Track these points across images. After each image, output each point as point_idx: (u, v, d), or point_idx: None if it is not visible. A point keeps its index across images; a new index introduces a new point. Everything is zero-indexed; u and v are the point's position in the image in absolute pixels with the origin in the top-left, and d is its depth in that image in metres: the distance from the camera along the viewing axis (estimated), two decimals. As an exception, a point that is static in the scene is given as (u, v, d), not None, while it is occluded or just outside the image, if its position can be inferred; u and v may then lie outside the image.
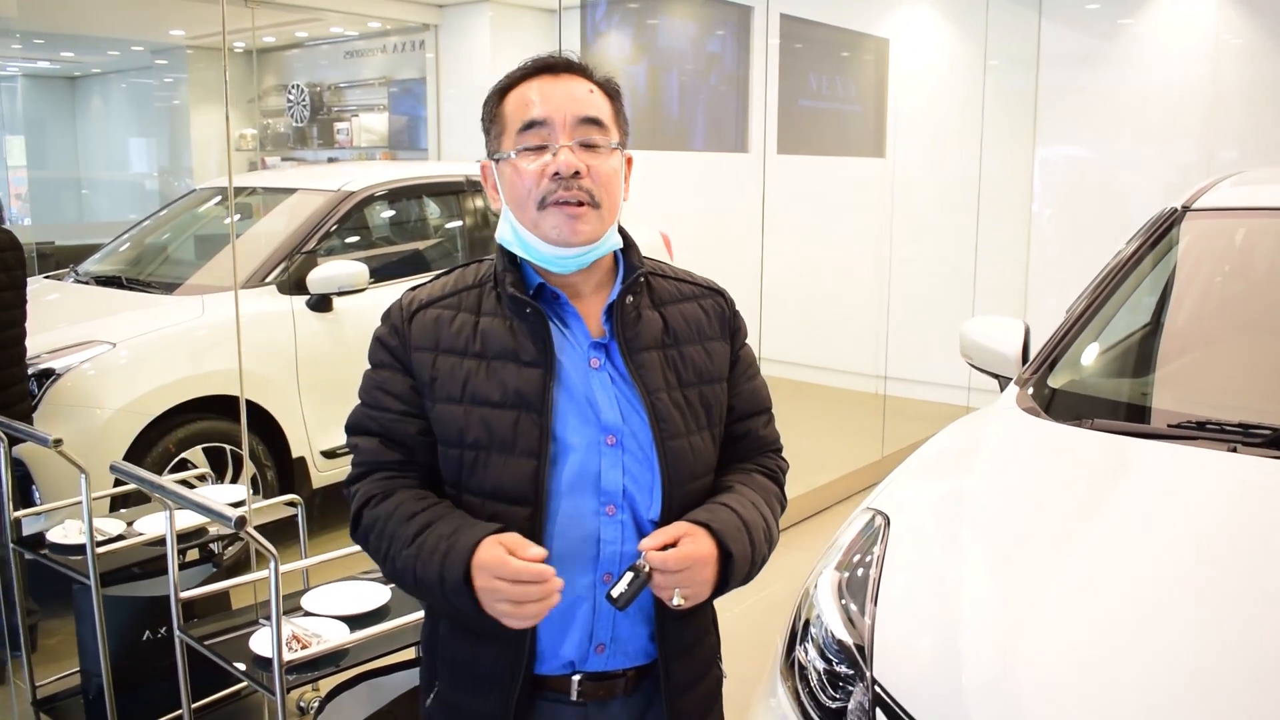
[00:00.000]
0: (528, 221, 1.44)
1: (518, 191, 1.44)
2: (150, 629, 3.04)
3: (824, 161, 6.98)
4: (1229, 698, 1.51)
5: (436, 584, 1.35)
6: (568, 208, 1.41)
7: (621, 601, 1.32)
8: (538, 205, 1.42)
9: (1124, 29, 6.45)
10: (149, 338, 4.10)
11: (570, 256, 1.44)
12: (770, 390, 1.68)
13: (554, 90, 1.45)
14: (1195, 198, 2.94)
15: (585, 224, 1.42)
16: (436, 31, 8.85)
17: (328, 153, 9.95)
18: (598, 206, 1.43)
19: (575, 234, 1.42)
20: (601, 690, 1.49)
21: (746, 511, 1.46)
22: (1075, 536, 1.96)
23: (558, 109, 1.42)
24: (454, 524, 1.38)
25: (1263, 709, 1.49)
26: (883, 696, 1.68)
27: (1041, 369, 2.63)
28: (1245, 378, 2.56)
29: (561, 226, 1.41)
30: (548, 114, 1.42)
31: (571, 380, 1.45)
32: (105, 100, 11.59)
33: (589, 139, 1.43)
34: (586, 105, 1.44)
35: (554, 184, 1.41)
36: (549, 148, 1.42)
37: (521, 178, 1.43)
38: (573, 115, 1.43)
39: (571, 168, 1.40)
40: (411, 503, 1.43)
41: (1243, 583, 1.76)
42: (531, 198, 1.42)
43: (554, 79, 1.46)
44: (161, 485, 2.30)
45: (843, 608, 1.90)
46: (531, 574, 1.29)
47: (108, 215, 11.04)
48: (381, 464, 1.49)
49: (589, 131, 1.43)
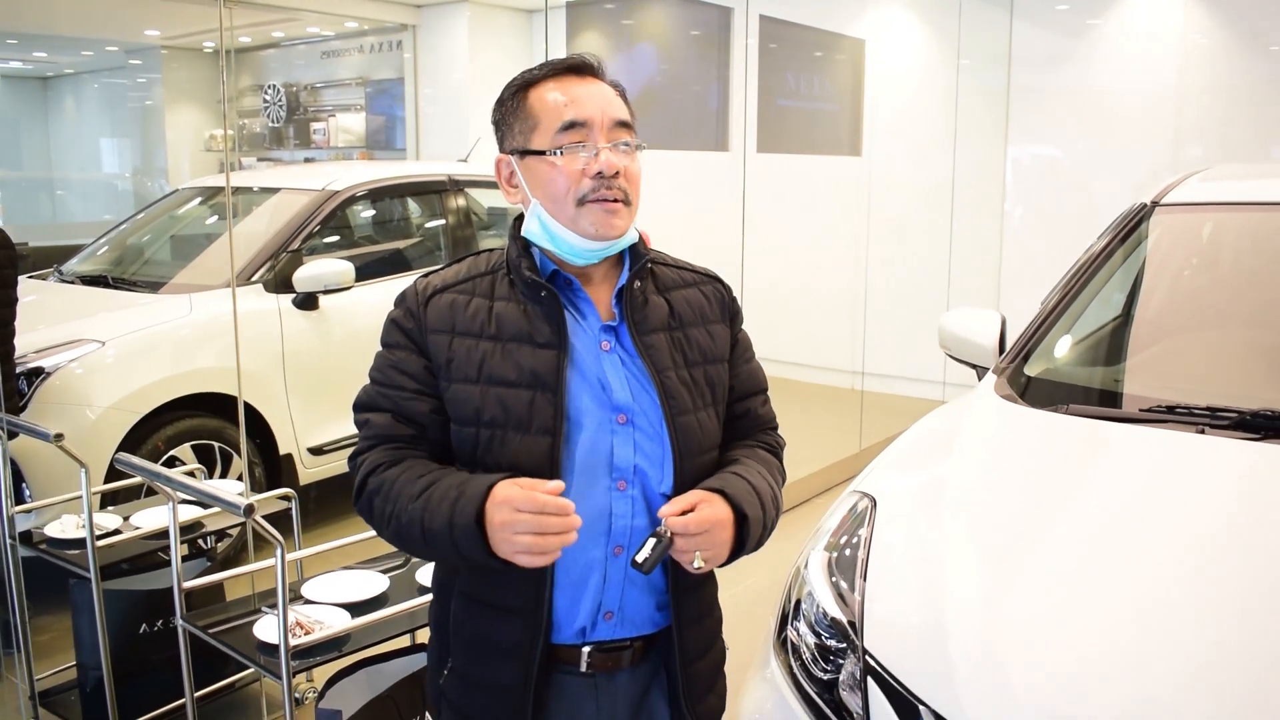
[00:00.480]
0: (565, 217, 1.51)
1: (555, 188, 1.51)
2: (147, 623, 3.08)
3: (802, 160, 7.07)
4: (1207, 662, 1.60)
5: (445, 530, 1.40)
6: (607, 204, 1.49)
7: (646, 566, 1.39)
8: (577, 202, 1.50)
9: (1093, 29, 6.57)
10: (137, 336, 4.13)
11: (602, 249, 1.53)
12: None
13: (587, 92, 1.52)
14: (1164, 193, 3.04)
15: (621, 219, 1.51)
16: (414, 32, 8.88)
17: (304, 153, 9.94)
18: (629, 204, 1.52)
19: (613, 229, 1.51)
20: (609, 662, 1.56)
21: (755, 479, 1.55)
22: (1053, 514, 2.05)
23: (597, 110, 1.51)
24: (463, 476, 1.45)
25: (1242, 668, 1.58)
26: (874, 666, 1.76)
27: (1018, 358, 2.72)
28: (1213, 365, 2.66)
29: (600, 223, 1.50)
30: (588, 115, 1.50)
31: (584, 362, 1.52)
32: (78, 100, 11.52)
33: (623, 140, 1.52)
34: (619, 108, 1.53)
35: (595, 183, 1.49)
36: (586, 147, 1.50)
37: (562, 175, 1.50)
38: (610, 118, 1.51)
39: (614, 168, 1.49)
40: (419, 467, 1.50)
41: (1215, 554, 1.86)
42: (571, 195, 1.50)
43: (581, 80, 1.54)
44: (168, 476, 2.35)
45: (833, 585, 1.98)
46: (556, 506, 1.35)
47: (82, 216, 10.98)
48: (393, 438, 1.54)
49: (623, 134, 1.52)
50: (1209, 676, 1.58)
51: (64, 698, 3.23)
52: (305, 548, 2.88)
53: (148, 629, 3.08)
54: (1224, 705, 1.53)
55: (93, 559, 2.74)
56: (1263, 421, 2.20)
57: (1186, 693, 1.55)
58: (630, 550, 1.50)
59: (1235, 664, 1.59)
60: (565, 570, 1.50)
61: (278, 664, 2.18)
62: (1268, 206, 2.95)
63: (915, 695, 1.68)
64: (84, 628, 3.02)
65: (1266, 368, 2.60)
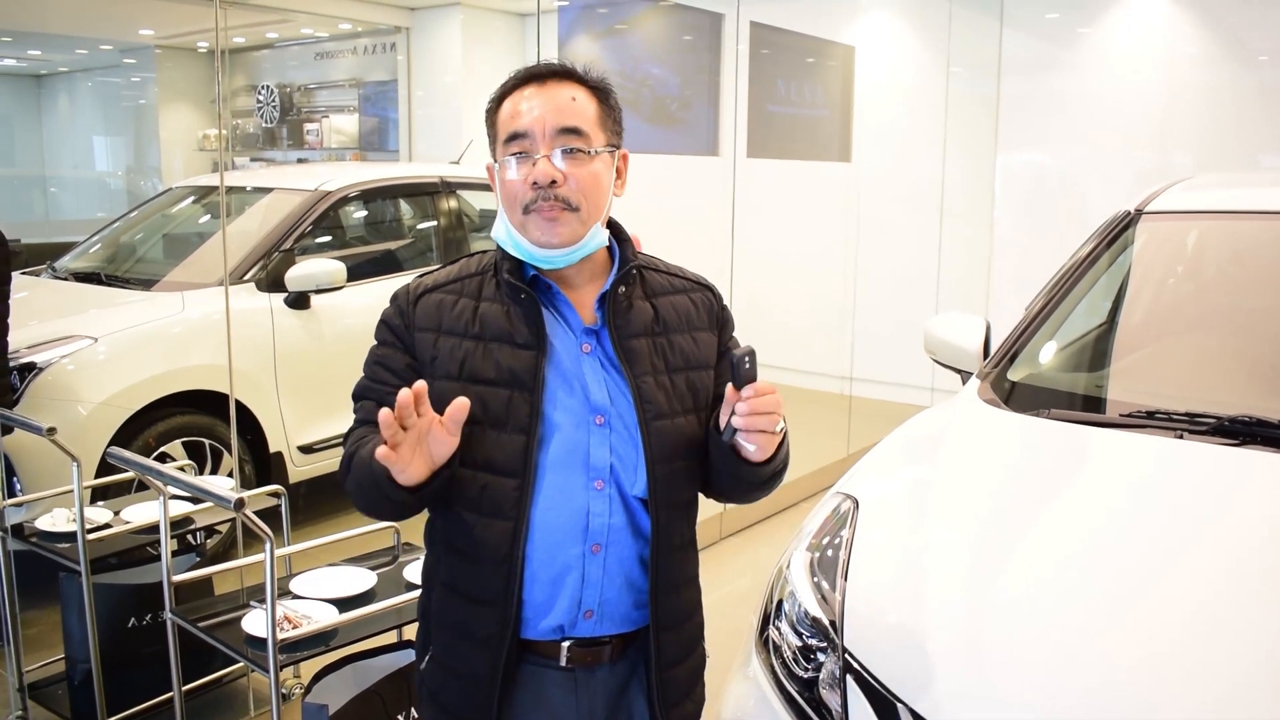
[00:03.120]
0: (516, 224, 1.56)
1: (507, 197, 1.56)
2: (136, 616, 3.09)
3: (792, 165, 7.10)
4: (1185, 663, 1.63)
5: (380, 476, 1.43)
6: (545, 213, 1.52)
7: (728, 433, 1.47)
8: (522, 211, 1.53)
9: (1083, 38, 6.63)
10: (129, 333, 4.14)
11: (555, 256, 1.55)
12: None
13: (538, 101, 1.54)
14: (1148, 201, 3.08)
15: (563, 227, 1.52)
16: (407, 34, 8.90)
17: (297, 153, 9.96)
18: (576, 210, 1.53)
19: (555, 236, 1.53)
20: (589, 657, 1.58)
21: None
22: (1034, 516, 2.09)
23: (538, 120, 1.53)
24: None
25: (1220, 667, 1.62)
26: (853, 664, 1.79)
27: (1002, 363, 2.76)
28: (1193, 372, 2.70)
29: (543, 230, 1.52)
30: (529, 126, 1.53)
31: (564, 363, 1.56)
32: (72, 99, 11.53)
33: (569, 146, 1.53)
34: (568, 115, 1.54)
35: (534, 192, 1.52)
36: (529, 156, 1.53)
37: (508, 185, 1.55)
38: (552, 126, 1.53)
39: (547, 178, 1.51)
40: None
41: (1189, 556, 1.90)
42: (518, 203, 1.54)
43: (540, 88, 1.56)
44: (158, 470, 2.37)
45: (815, 585, 2.01)
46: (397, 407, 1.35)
47: (75, 214, 10.99)
48: (374, 424, 1.58)
49: (569, 140, 1.53)
50: (1187, 677, 1.61)
51: (53, 690, 3.25)
52: (294, 544, 2.90)
53: (136, 623, 3.10)
54: (1204, 704, 1.56)
55: (83, 552, 2.76)
56: (1240, 427, 2.23)
57: (1165, 694, 1.58)
58: (608, 549, 1.54)
59: (1213, 663, 1.62)
60: (541, 565, 1.53)
61: (265, 658, 2.20)
62: (1251, 215, 2.99)
63: (893, 694, 1.70)
64: (73, 621, 3.04)
65: (1246, 374, 2.64)
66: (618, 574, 1.56)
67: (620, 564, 1.56)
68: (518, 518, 1.51)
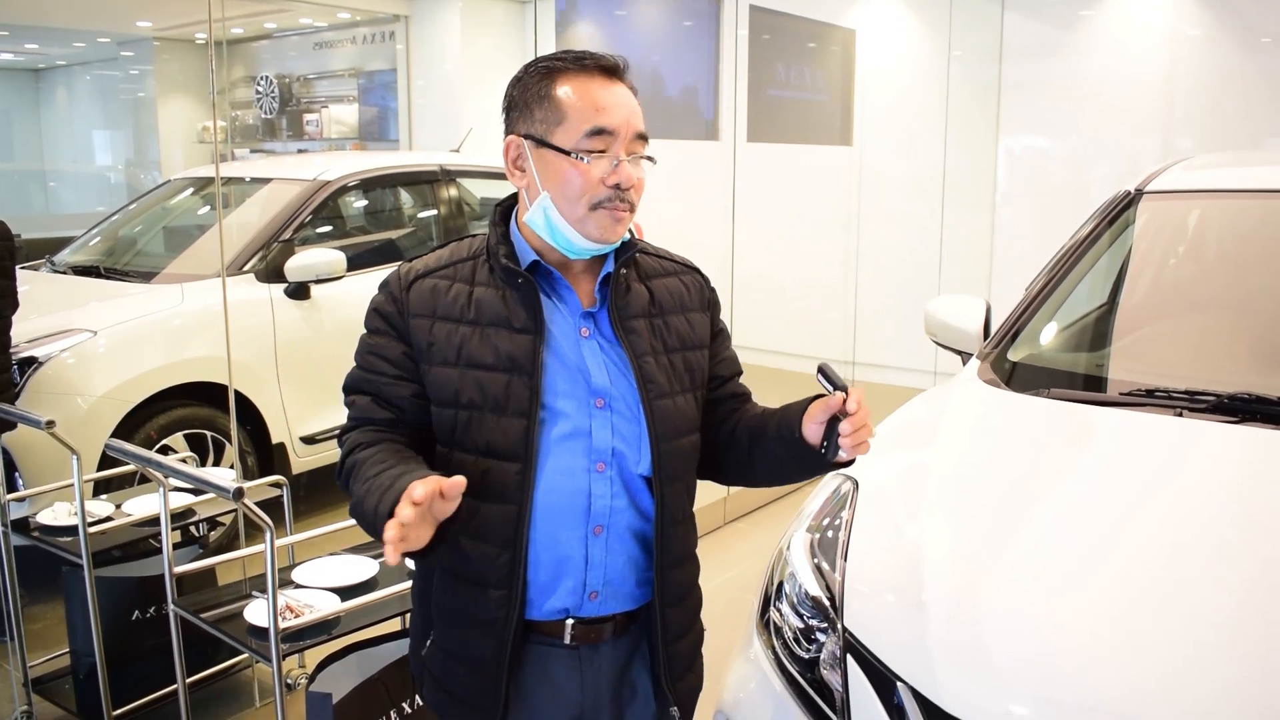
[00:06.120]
0: (573, 217, 1.52)
1: (570, 188, 1.51)
2: (140, 609, 3.10)
3: (793, 150, 7.09)
4: (1185, 640, 1.63)
5: (372, 515, 1.40)
6: (615, 213, 1.51)
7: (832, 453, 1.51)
8: (590, 206, 1.51)
9: (1084, 20, 6.59)
10: (130, 326, 4.14)
11: (598, 249, 1.55)
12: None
13: (617, 99, 1.53)
14: (1148, 181, 3.07)
15: (622, 227, 1.54)
16: (407, 23, 8.87)
17: (297, 144, 9.94)
18: (633, 212, 1.55)
19: (615, 235, 1.54)
20: (593, 634, 1.59)
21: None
22: (1034, 495, 2.09)
23: (624, 121, 1.52)
24: (410, 468, 1.44)
25: (1216, 641, 1.61)
26: (853, 643, 1.79)
27: (1002, 344, 2.75)
28: (1193, 350, 2.69)
29: (606, 229, 1.52)
30: (616, 125, 1.51)
31: (562, 347, 1.55)
32: (70, 92, 11.51)
33: (639, 153, 1.54)
34: (640, 120, 1.55)
35: (611, 192, 1.50)
36: (608, 155, 1.50)
37: (581, 177, 1.50)
38: (633, 130, 1.53)
39: (631, 182, 1.51)
40: (388, 452, 1.51)
41: (1188, 532, 1.89)
42: (585, 199, 1.51)
43: (610, 84, 1.54)
44: (159, 462, 2.37)
45: (815, 566, 2.01)
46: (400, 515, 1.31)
47: (74, 207, 10.98)
48: (372, 420, 1.58)
49: (641, 146, 1.54)
50: (1188, 652, 1.60)
51: (58, 684, 3.25)
52: (296, 534, 2.91)
53: (140, 615, 3.10)
54: (1204, 681, 1.56)
55: (85, 546, 2.76)
56: (1239, 404, 2.23)
57: (1165, 671, 1.58)
58: (610, 530, 1.54)
59: (1215, 639, 1.62)
60: (544, 548, 1.53)
61: (268, 647, 2.21)
62: (1251, 194, 2.98)
63: (894, 672, 1.71)
64: (77, 614, 3.05)
65: (1246, 352, 2.63)
66: (620, 554, 1.57)
67: (622, 544, 1.57)
68: (521, 501, 1.51)
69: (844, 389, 1.48)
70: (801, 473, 1.66)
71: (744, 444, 1.68)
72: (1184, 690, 1.55)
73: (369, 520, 1.43)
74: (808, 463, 1.60)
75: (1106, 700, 1.54)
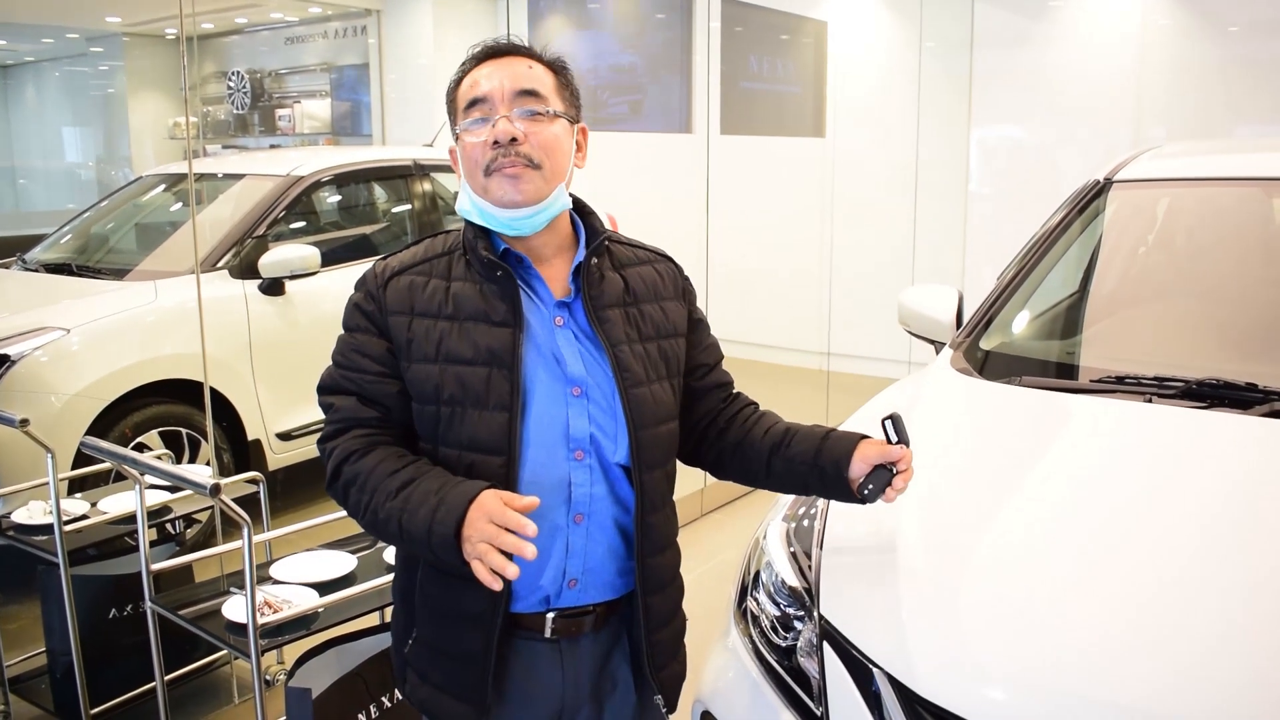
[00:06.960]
0: (478, 188, 1.57)
1: (468, 163, 1.57)
2: (117, 607, 3.08)
3: (766, 142, 7.10)
4: (1152, 622, 1.66)
5: (424, 535, 1.42)
6: (507, 170, 1.53)
7: (873, 497, 1.63)
8: (484, 173, 1.54)
9: (1055, 11, 6.64)
10: (103, 323, 4.11)
11: (522, 217, 1.56)
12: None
13: (496, 70, 1.57)
14: (1118, 169, 3.10)
15: (527, 184, 1.54)
16: (379, 17, 8.83)
17: (270, 139, 9.88)
18: (539, 168, 1.54)
19: (519, 193, 1.54)
20: (573, 627, 1.60)
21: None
22: (1007, 481, 2.11)
23: (497, 85, 1.55)
24: (439, 480, 1.47)
25: (1188, 625, 1.64)
26: (829, 631, 1.81)
27: (974, 332, 2.78)
28: (1163, 337, 2.73)
29: (505, 188, 1.53)
30: (487, 91, 1.55)
31: (539, 338, 1.56)
32: (39, 89, 11.39)
33: (527, 108, 1.55)
34: (525, 79, 1.57)
35: (495, 152, 1.53)
36: (488, 120, 1.54)
37: (470, 150, 1.56)
38: (510, 89, 1.55)
39: (508, 134, 1.53)
40: (392, 460, 1.52)
41: (1161, 516, 1.93)
42: (479, 166, 1.55)
43: (497, 62, 1.59)
44: (134, 459, 2.36)
45: (791, 555, 2.03)
46: (518, 524, 1.36)
47: (45, 204, 10.87)
48: (359, 420, 1.58)
49: (526, 101, 1.55)
50: (1161, 638, 1.62)
51: (35, 684, 3.24)
52: (273, 530, 2.90)
53: (117, 614, 3.09)
54: (1178, 665, 1.57)
55: (60, 545, 2.75)
56: (1208, 390, 2.26)
57: (1140, 655, 1.60)
58: (590, 518, 1.56)
59: (1186, 624, 1.64)
60: None
61: (247, 643, 2.21)
62: (1219, 182, 3.01)
63: (870, 659, 1.72)
64: (53, 614, 3.03)
65: (1214, 339, 2.67)
66: (600, 541, 1.58)
67: (603, 532, 1.58)
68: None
69: (907, 444, 1.60)
70: (818, 494, 1.75)
71: (763, 454, 1.71)
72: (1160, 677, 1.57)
73: (418, 538, 1.44)
74: (832, 491, 1.69)
75: (1082, 684, 1.56)
